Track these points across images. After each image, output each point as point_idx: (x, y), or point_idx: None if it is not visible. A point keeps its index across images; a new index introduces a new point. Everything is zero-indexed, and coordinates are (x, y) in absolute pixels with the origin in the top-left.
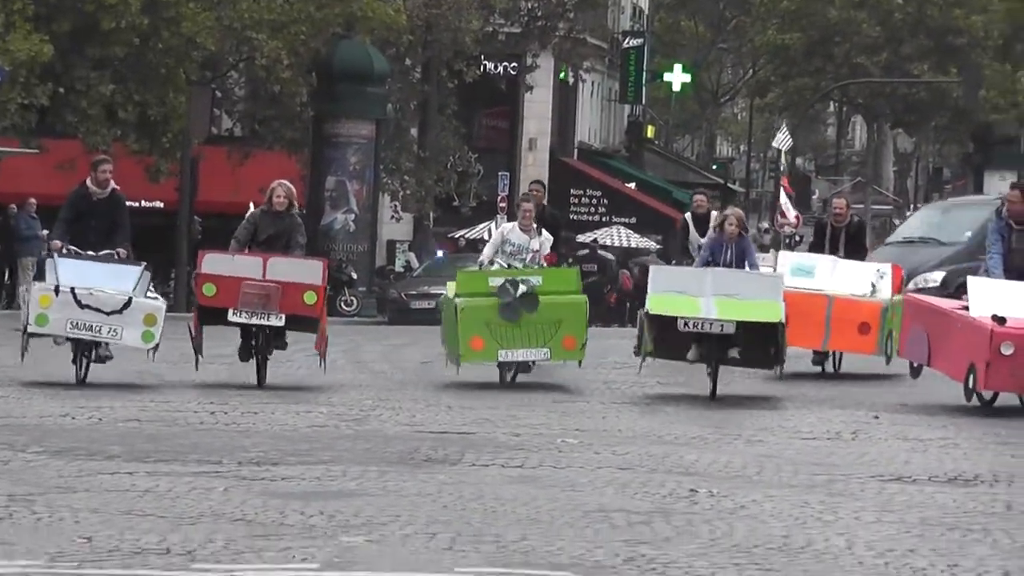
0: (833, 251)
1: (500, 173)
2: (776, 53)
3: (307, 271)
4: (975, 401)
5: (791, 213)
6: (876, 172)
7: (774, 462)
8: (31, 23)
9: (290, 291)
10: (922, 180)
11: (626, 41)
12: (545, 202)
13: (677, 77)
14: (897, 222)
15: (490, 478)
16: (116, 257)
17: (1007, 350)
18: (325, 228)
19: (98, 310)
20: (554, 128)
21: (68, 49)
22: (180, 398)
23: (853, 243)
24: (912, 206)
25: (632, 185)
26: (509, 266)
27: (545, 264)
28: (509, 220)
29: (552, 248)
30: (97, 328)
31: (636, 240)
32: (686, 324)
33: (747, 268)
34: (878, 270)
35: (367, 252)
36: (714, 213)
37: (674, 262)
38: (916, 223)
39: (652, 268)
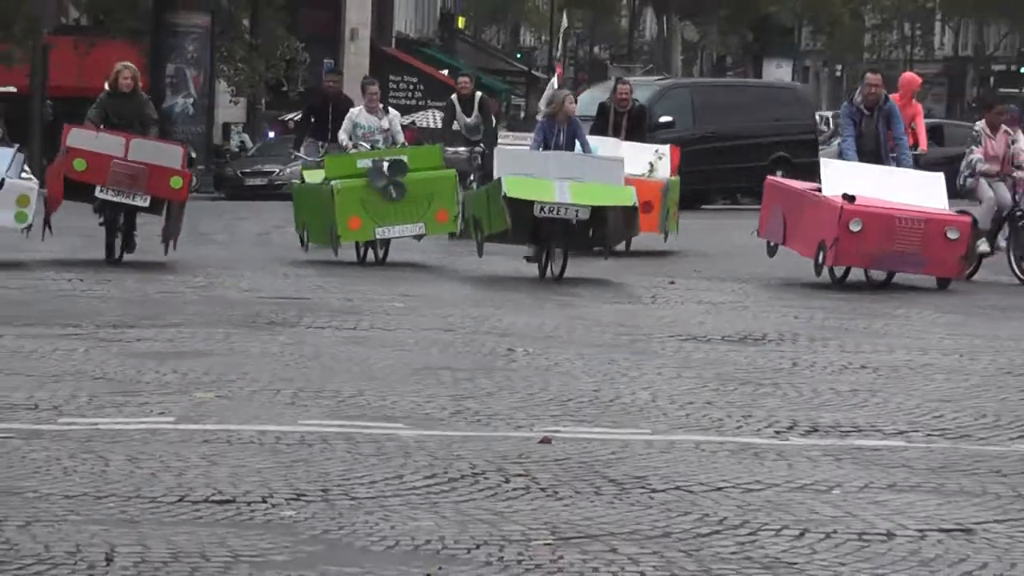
0: (616, 133)
1: (325, 60)
2: None
3: (168, 155)
4: (825, 276)
5: None
6: (666, 60)
7: (583, 324)
8: None
9: (157, 174)
10: (707, 67)
11: None
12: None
13: None
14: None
15: (326, 339)
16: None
17: (855, 227)
18: (166, 111)
19: None
20: (374, 20)
21: None
22: (40, 269)
23: (634, 126)
24: None
25: (445, 72)
26: (372, 147)
27: (404, 142)
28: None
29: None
30: None
31: None
32: (543, 209)
33: (579, 149)
34: (656, 151)
35: (204, 133)
36: (479, 94)
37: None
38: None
39: (497, 151)
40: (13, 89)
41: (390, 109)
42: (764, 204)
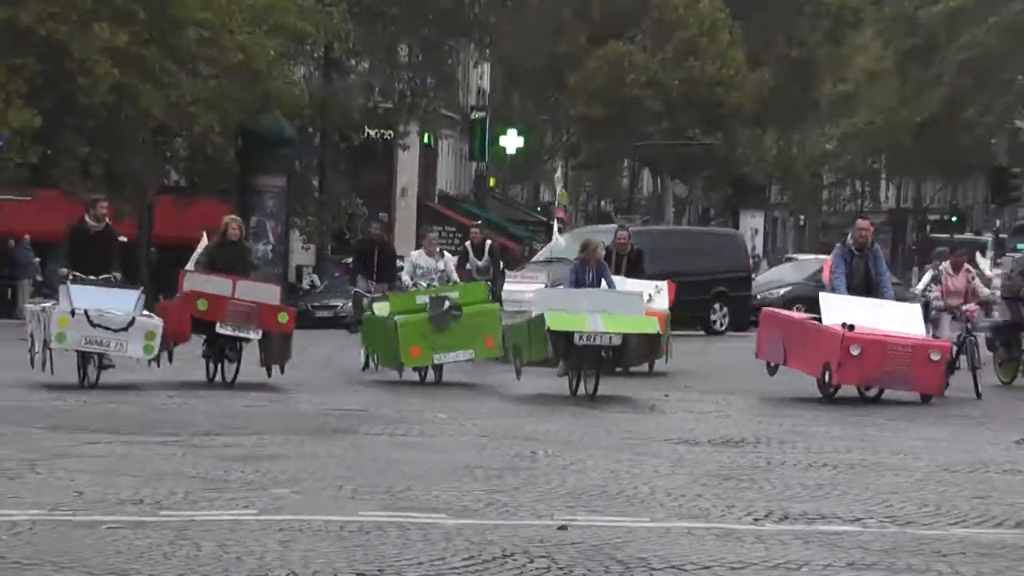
0: (617, 272)
1: (380, 214)
2: (585, 122)
3: (269, 293)
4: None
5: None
6: (660, 212)
7: (593, 430)
8: (23, 100)
9: (267, 311)
10: (694, 218)
11: (472, 113)
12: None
13: (511, 141)
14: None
15: (381, 444)
16: (113, 280)
17: (855, 351)
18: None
19: (107, 328)
20: (420, 179)
21: (53, 119)
22: (149, 388)
23: (632, 266)
24: None
25: (478, 223)
26: (428, 285)
27: (458, 280)
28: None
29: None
30: (106, 343)
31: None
32: (581, 338)
33: (605, 286)
34: (656, 285)
35: (281, 274)
36: (488, 242)
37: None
38: (557, 246)
39: (537, 292)
40: (124, 239)
41: (445, 253)
42: (761, 331)
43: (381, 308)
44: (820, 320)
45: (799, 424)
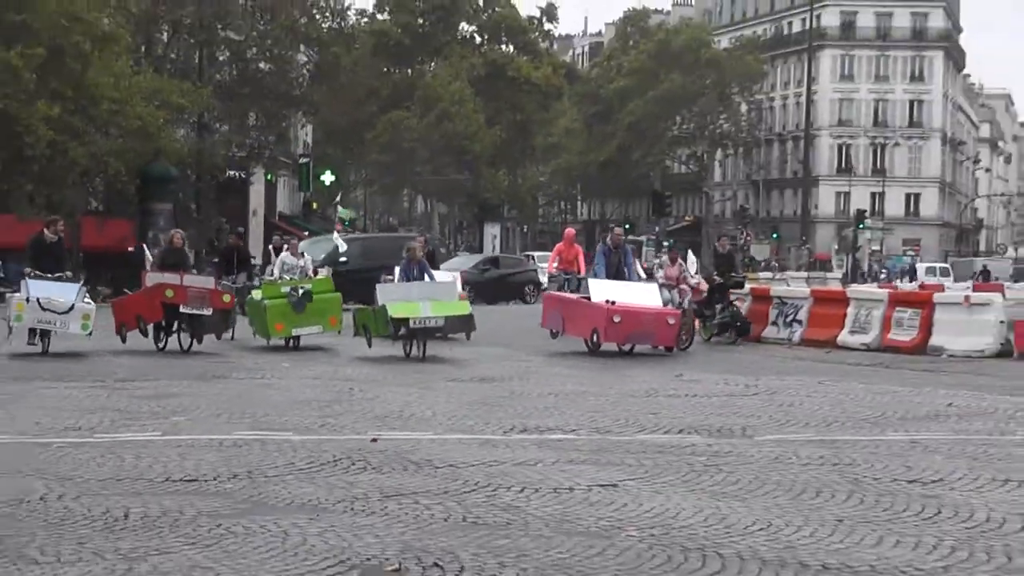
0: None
1: (238, 228)
2: (376, 165)
3: (205, 282)
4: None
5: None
6: (429, 225)
7: (391, 373)
8: None
9: (215, 294)
10: (451, 229)
11: (300, 159)
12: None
13: (327, 177)
14: (443, 250)
15: (246, 385)
16: (65, 278)
17: (616, 319)
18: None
19: (53, 311)
20: (266, 204)
21: (5, 166)
22: (89, 353)
23: (429, 261)
24: (450, 244)
25: (306, 233)
26: (291, 278)
27: (312, 275)
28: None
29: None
30: (53, 322)
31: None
32: (415, 322)
33: (427, 278)
34: (452, 276)
35: None
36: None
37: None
38: (338, 245)
39: (379, 286)
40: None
41: (305, 254)
42: (545, 307)
43: (256, 294)
44: (589, 298)
45: (533, 366)
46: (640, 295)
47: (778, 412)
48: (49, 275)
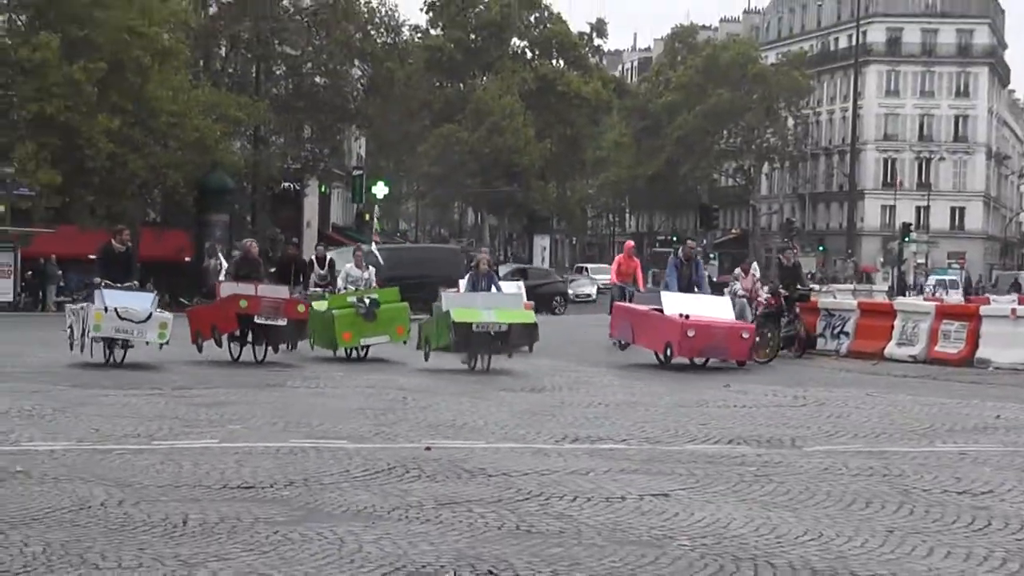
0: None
1: (293, 239)
2: (427, 178)
3: (279, 292)
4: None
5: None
6: (480, 236)
7: (444, 382)
8: (49, 164)
9: (290, 305)
10: (501, 241)
11: (353, 171)
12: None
13: (380, 189)
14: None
15: (301, 393)
16: (134, 287)
17: (691, 333)
18: (206, 268)
19: (131, 320)
20: (319, 215)
21: (69, 178)
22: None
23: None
24: (499, 255)
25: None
26: (356, 289)
27: (377, 285)
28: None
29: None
30: (130, 331)
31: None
32: (477, 326)
33: (495, 290)
34: (518, 289)
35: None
36: (328, 256)
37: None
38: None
39: (443, 294)
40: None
41: (370, 266)
42: (614, 318)
43: (320, 305)
44: (662, 311)
45: (583, 376)
46: (713, 308)
47: (827, 423)
48: (118, 285)
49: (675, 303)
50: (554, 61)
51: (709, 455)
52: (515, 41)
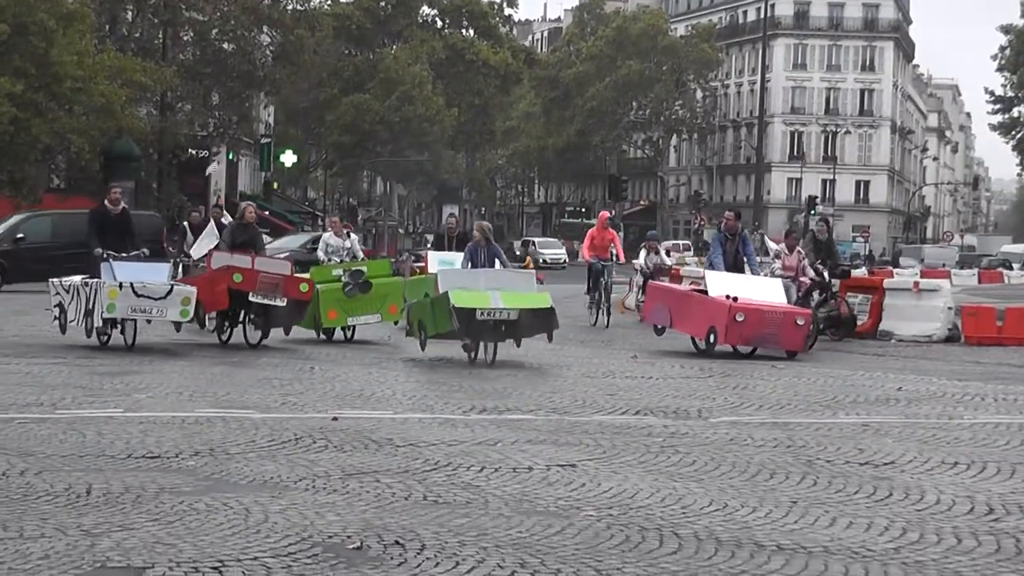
0: (449, 249)
1: (199, 206)
2: (337, 147)
3: (281, 267)
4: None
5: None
6: (388, 205)
7: (352, 352)
8: None
9: (290, 282)
10: (411, 210)
11: (261, 139)
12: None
13: (288, 158)
14: (401, 231)
15: (207, 363)
16: (143, 257)
17: (740, 318)
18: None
19: (149, 297)
20: (227, 182)
21: None
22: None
23: (460, 244)
24: (408, 223)
25: (266, 212)
26: (341, 261)
27: (362, 256)
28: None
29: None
30: (150, 310)
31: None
32: (482, 313)
33: (498, 265)
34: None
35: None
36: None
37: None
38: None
39: (440, 272)
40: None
41: (351, 234)
42: (648, 300)
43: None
44: (704, 292)
45: (489, 347)
46: (763, 291)
47: (732, 395)
48: (124, 255)
49: (721, 283)
50: (464, 31)
51: (616, 426)
52: (424, 10)
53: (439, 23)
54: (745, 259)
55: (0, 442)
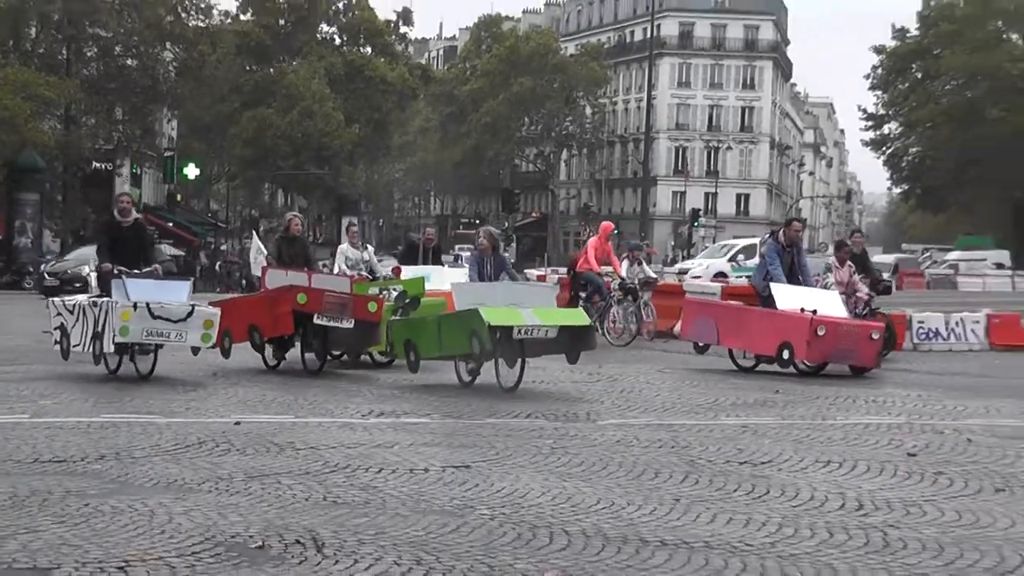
0: (424, 261)
1: (102, 219)
2: (239, 160)
3: (339, 283)
4: (787, 368)
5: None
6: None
7: (260, 364)
8: None
9: (359, 302)
10: (311, 221)
11: (165, 152)
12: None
13: (191, 170)
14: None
15: (125, 373)
16: (157, 274)
17: (821, 332)
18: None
19: (167, 319)
20: (117, 198)
21: None
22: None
23: (436, 255)
24: (309, 234)
25: (170, 224)
26: (360, 274)
27: (378, 268)
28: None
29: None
30: (167, 334)
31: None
32: (520, 331)
33: (504, 276)
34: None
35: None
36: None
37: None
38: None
39: (454, 285)
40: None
41: (368, 245)
42: (687, 314)
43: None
44: (744, 305)
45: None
46: (828, 304)
47: (620, 398)
48: (136, 272)
49: (790, 296)
50: (362, 48)
51: (509, 428)
52: (323, 27)
53: (337, 40)
54: (801, 270)
55: None
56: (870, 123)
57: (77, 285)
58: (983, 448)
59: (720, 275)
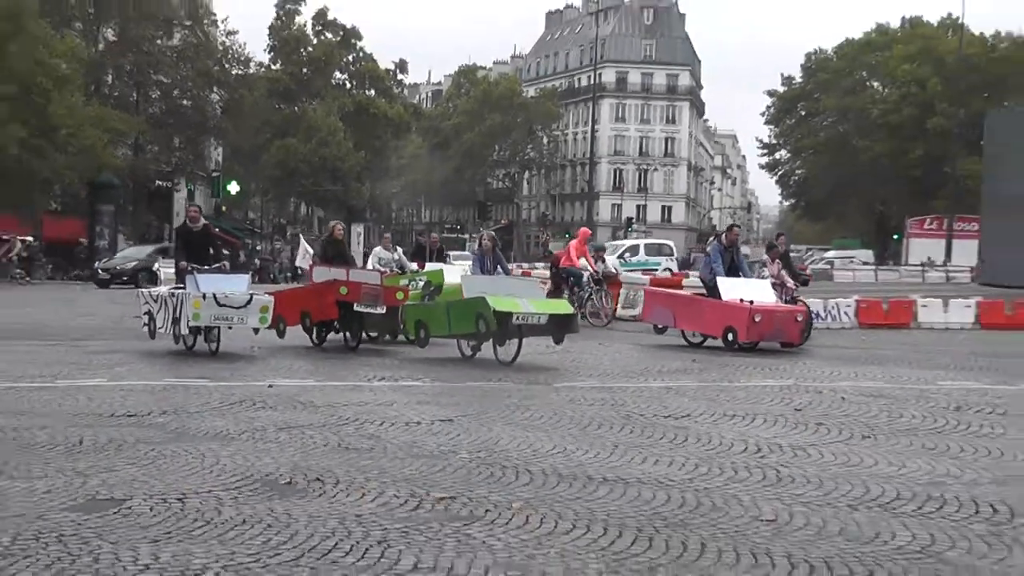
0: (430, 260)
1: (177, 227)
2: (270, 179)
3: (371, 277)
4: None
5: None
6: (311, 224)
7: (282, 341)
8: None
9: (388, 292)
10: (327, 227)
11: (213, 173)
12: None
13: (233, 187)
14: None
15: (174, 346)
16: (224, 269)
17: (758, 318)
18: (97, 248)
19: (230, 306)
20: (186, 207)
21: None
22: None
23: (440, 256)
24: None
25: (218, 229)
26: (391, 271)
27: (410, 267)
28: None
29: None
30: (231, 318)
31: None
32: (518, 318)
33: (500, 272)
34: (464, 269)
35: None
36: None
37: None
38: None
39: (463, 277)
40: (31, 239)
41: (397, 247)
42: (648, 303)
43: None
44: (703, 295)
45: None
46: (760, 293)
47: (570, 366)
48: (206, 268)
49: (732, 288)
50: (367, 91)
51: (484, 390)
52: (337, 74)
53: (348, 85)
54: (739, 266)
55: (9, 405)
56: (765, 150)
57: (125, 279)
58: (853, 404)
59: None
